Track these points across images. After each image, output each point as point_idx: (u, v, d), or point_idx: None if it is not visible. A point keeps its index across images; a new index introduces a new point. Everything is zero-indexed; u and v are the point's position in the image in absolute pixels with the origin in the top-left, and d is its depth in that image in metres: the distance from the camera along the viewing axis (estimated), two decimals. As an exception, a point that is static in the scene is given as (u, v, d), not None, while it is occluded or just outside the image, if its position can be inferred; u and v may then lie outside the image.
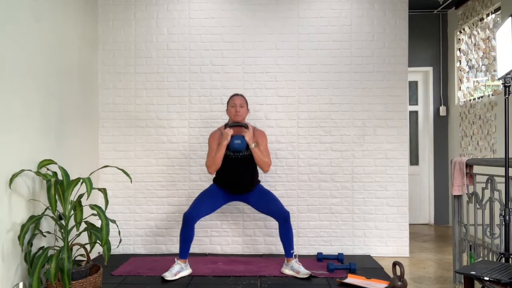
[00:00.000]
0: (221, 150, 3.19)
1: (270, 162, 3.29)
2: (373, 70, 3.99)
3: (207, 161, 3.26)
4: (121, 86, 4.04)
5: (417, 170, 5.58)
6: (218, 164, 3.22)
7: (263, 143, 3.30)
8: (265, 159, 3.24)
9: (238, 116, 3.25)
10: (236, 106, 3.25)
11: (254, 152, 3.20)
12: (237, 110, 3.24)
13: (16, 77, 2.70)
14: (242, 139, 3.19)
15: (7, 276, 2.58)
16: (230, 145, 3.19)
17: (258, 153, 3.21)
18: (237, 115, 3.24)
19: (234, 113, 3.25)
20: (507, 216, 2.42)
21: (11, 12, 2.65)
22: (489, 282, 2.03)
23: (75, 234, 3.21)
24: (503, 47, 2.40)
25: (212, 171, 3.24)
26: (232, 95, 3.36)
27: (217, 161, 3.21)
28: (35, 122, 2.91)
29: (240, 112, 3.25)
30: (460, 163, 3.05)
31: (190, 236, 3.21)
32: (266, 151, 3.30)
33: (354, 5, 4.00)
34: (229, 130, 3.19)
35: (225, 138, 3.18)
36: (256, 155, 3.21)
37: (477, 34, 4.73)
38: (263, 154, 3.24)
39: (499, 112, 4.22)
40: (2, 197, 2.55)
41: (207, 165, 3.25)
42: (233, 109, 3.25)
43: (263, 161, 3.24)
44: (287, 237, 3.27)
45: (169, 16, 4.03)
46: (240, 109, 3.25)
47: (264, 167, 3.26)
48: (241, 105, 3.26)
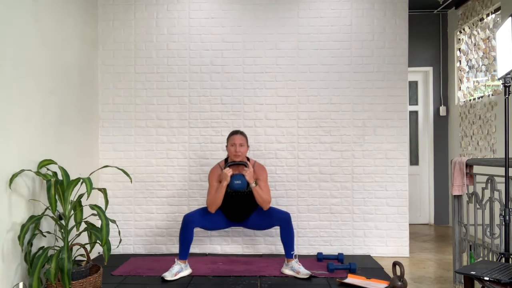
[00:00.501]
0: (221, 190, 3.20)
1: (270, 199, 3.29)
2: (373, 70, 3.99)
3: (207, 199, 3.27)
4: (121, 86, 4.04)
5: (417, 170, 5.58)
6: (218, 204, 3.23)
7: (263, 178, 3.30)
8: (266, 197, 3.24)
9: (237, 157, 3.25)
10: (236, 146, 3.24)
11: (254, 191, 3.21)
12: (236, 150, 3.23)
13: (16, 77, 2.70)
14: (242, 179, 3.20)
15: (7, 276, 2.58)
16: (230, 185, 3.20)
17: (259, 192, 3.21)
18: (237, 155, 3.24)
19: (234, 153, 3.24)
20: (507, 216, 2.42)
21: (11, 12, 2.65)
22: (489, 282, 2.03)
23: (75, 234, 3.21)
24: (503, 47, 2.40)
25: (212, 209, 3.25)
26: (231, 132, 3.33)
27: (218, 201, 3.22)
28: (35, 122, 2.91)
29: (240, 152, 3.24)
30: (460, 163, 3.05)
31: (189, 238, 3.22)
32: (266, 187, 3.29)
33: (354, 5, 4.00)
34: (228, 170, 3.18)
35: (224, 179, 3.18)
36: (257, 195, 3.21)
37: (477, 34, 4.73)
38: (263, 192, 3.24)
39: (499, 112, 4.22)
40: (2, 197, 2.55)
41: (208, 204, 3.27)
42: (233, 148, 3.24)
43: (264, 200, 3.23)
44: (288, 239, 3.27)
45: (169, 16, 4.03)
46: (240, 148, 3.24)
47: (264, 205, 3.25)
48: (241, 144, 3.25)
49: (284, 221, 3.25)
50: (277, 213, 3.29)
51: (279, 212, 3.29)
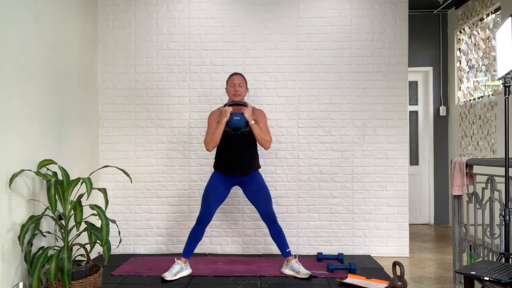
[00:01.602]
0: (220, 127, 3.16)
1: (270, 139, 3.25)
2: (373, 70, 3.99)
3: (205, 138, 3.23)
4: (121, 86, 4.05)
5: (417, 170, 5.58)
6: (216, 141, 3.19)
7: (263, 121, 3.27)
8: (265, 135, 3.22)
9: (237, 96, 3.24)
10: (235, 85, 3.24)
11: (254, 128, 3.17)
12: (236, 90, 3.23)
13: (16, 77, 2.70)
14: (241, 116, 3.17)
15: (7, 276, 2.58)
16: (230, 122, 3.17)
17: (258, 130, 3.19)
18: (236, 94, 3.23)
19: (233, 92, 3.24)
20: (507, 216, 2.42)
21: (11, 12, 2.65)
22: (489, 282, 2.03)
23: (75, 234, 3.21)
24: (503, 47, 2.40)
25: (210, 148, 3.21)
26: (231, 74, 3.34)
27: (216, 138, 3.18)
28: (35, 122, 2.91)
29: (239, 91, 3.24)
30: (460, 163, 3.05)
31: (200, 236, 3.23)
32: (266, 128, 3.27)
33: (354, 5, 4.00)
34: (228, 107, 3.18)
35: (224, 115, 3.16)
36: (256, 131, 3.18)
37: (477, 34, 4.73)
38: (262, 131, 3.22)
39: (499, 112, 4.22)
40: (2, 197, 2.55)
41: (205, 142, 3.22)
42: (232, 89, 3.24)
43: (263, 137, 3.21)
44: (278, 237, 3.27)
45: (169, 16, 4.03)
46: (239, 88, 3.24)
47: (265, 143, 3.23)
48: (240, 84, 3.25)
49: (269, 218, 3.25)
50: (269, 206, 3.27)
51: (270, 207, 3.27)
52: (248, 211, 3.99)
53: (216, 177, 3.30)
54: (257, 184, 3.31)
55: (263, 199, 3.28)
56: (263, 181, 3.35)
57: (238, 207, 4.00)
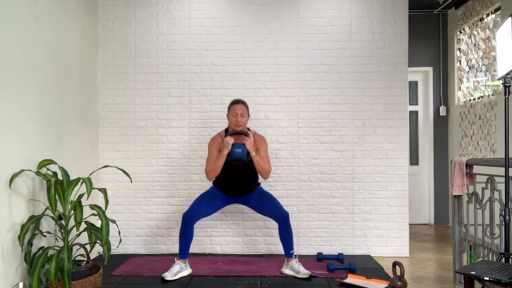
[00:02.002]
0: (221, 158, 3.19)
1: (270, 169, 3.29)
2: (373, 70, 3.99)
3: (206, 167, 3.26)
4: (121, 86, 4.05)
5: (417, 170, 5.58)
6: (217, 172, 3.22)
7: (264, 149, 3.30)
8: (266, 166, 3.24)
9: (238, 126, 3.24)
10: (237, 115, 3.23)
11: (255, 160, 3.20)
12: (237, 120, 3.23)
13: (16, 77, 2.70)
14: (243, 148, 3.19)
15: (7, 276, 2.58)
16: (231, 153, 3.19)
17: (259, 161, 3.21)
18: (238, 125, 3.24)
19: (235, 122, 3.24)
20: (507, 216, 2.42)
21: (11, 12, 2.65)
22: (489, 282, 2.03)
23: (75, 234, 3.21)
24: (503, 47, 2.40)
25: (210, 177, 3.25)
26: (232, 101, 3.32)
27: (217, 168, 3.21)
28: (35, 122, 2.91)
29: (241, 122, 3.24)
30: (460, 163, 3.05)
31: (189, 235, 3.21)
32: (267, 158, 3.29)
33: (354, 5, 4.00)
34: (229, 138, 3.18)
35: (226, 147, 3.17)
36: (257, 164, 3.21)
37: (477, 34, 4.73)
38: (263, 161, 3.24)
39: (499, 112, 4.22)
40: (2, 197, 2.55)
41: (206, 172, 3.24)
42: (234, 119, 3.24)
43: (264, 169, 3.24)
44: (287, 238, 3.27)
45: (169, 16, 4.03)
46: (241, 118, 3.23)
47: (265, 174, 3.26)
48: (242, 114, 3.24)
49: (281, 218, 3.25)
50: (277, 206, 3.28)
51: (279, 207, 3.29)
52: (248, 211, 3.98)
53: (216, 191, 3.35)
54: (258, 194, 3.36)
55: (268, 202, 3.30)
56: (263, 190, 3.39)
57: (238, 207, 4.00)
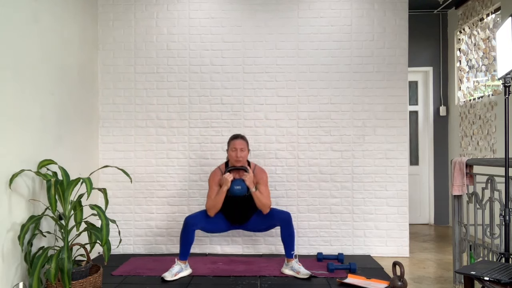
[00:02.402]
0: (221, 195, 3.20)
1: (270, 203, 3.28)
2: (373, 70, 3.99)
3: (207, 202, 3.27)
4: (121, 86, 4.05)
5: (417, 170, 5.58)
6: (218, 208, 3.24)
7: (263, 182, 3.30)
8: (265, 201, 3.24)
9: (238, 162, 3.25)
10: (237, 150, 3.24)
11: (254, 195, 3.21)
12: (237, 155, 3.23)
13: (16, 77, 2.70)
14: (242, 184, 3.20)
15: (7, 276, 2.58)
16: (231, 190, 3.21)
17: (259, 197, 3.21)
18: (238, 160, 3.24)
19: (235, 157, 3.24)
20: (507, 216, 2.42)
21: (11, 12, 2.65)
22: (489, 282, 2.03)
23: (75, 234, 3.21)
24: (503, 47, 2.40)
25: (212, 213, 3.26)
26: (232, 137, 3.33)
27: (218, 205, 3.23)
28: (35, 122, 2.91)
29: (241, 157, 3.24)
30: (460, 163, 3.05)
31: (190, 239, 3.22)
32: (267, 191, 3.29)
33: (354, 5, 4.00)
34: (228, 175, 3.19)
35: (225, 184, 3.18)
36: (257, 199, 3.21)
37: (477, 34, 4.73)
38: (263, 196, 3.24)
39: (499, 112, 4.22)
40: (2, 197, 2.55)
41: (207, 208, 3.26)
42: (234, 154, 3.25)
43: (263, 204, 3.23)
44: (289, 238, 3.27)
45: (169, 16, 4.03)
46: (241, 153, 3.24)
47: (264, 209, 3.25)
48: (242, 149, 3.25)
49: (285, 221, 3.25)
50: (277, 214, 3.28)
51: (279, 212, 3.29)
52: (248, 211, 3.98)
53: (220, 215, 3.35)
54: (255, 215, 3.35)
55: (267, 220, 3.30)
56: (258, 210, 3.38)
57: (238, 207, 4.00)
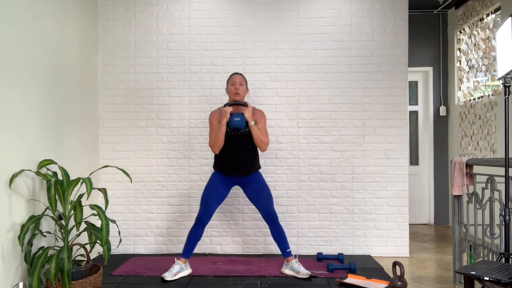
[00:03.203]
0: (221, 128, 3.17)
1: (268, 141, 3.26)
2: (373, 70, 3.99)
3: (209, 140, 3.25)
4: (121, 86, 4.05)
5: (417, 170, 5.58)
6: (221, 143, 3.20)
7: (262, 122, 3.29)
8: (263, 138, 3.23)
9: (237, 95, 3.25)
10: (236, 84, 3.25)
11: (252, 129, 3.18)
12: (236, 88, 3.24)
13: (16, 77, 2.70)
14: (241, 117, 3.18)
15: (7, 276, 2.58)
16: (230, 122, 3.18)
17: (257, 131, 3.20)
18: (237, 93, 3.24)
19: (234, 91, 3.25)
20: (507, 216, 2.42)
21: (11, 12, 2.65)
22: (489, 282, 2.03)
23: (75, 234, 3.22)
24: (503, 47, 2.40)
25: (216, 150, 3.22)
26: (231, 74, 3.36)
27: (220, 140, 3.19)
28: (35, 122, 2.91)
29: (240, 90, 3.25)
30: (460, 163, 3.05)
31: (199, 236, 3.23)
32: (265, 130, 3.28)
33: (354, 5, 4.00)
34: (228, 108, 3.19)
35: (224, 116, 3.17)
36: (255, 133, 3.19)
37: (477, 34, 4.73)
38: (261, 132, 3.23)
39: (499, 112, 4.22)
40: (2, 197, 2.55)
41: (210, 145, 3.23)
42: (233, 87, 3.26)
43: (261, 140, 3.21)
44: (280, 237, 3.27)
45: (169, 16, 4.03)
46: (240, 87, 3.25)
47: (262, 145, 3.23)
48: (241, 83, 3.26)
49: (271, 219, 3.26)
50: (270, 206, 3.27)
51: (272, 207, 3.28)
52: (248, 211, 3.99)
53: (216, 177, 3.30)
54: (258, 184, 3.30)
55: (264, 199, 3.28)
56: (264, 181, 3.34)
57: (238, 207, 4.00)
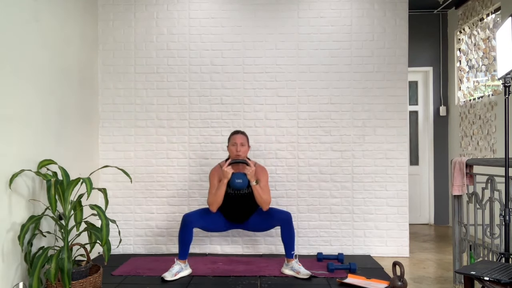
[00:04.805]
0: (221, 188, 3.18)
1: (270, 200, 3.27)
2: (373, 70, 3.99)
3: (208, 198, 3.26)
4: (121, 86, 4.05)
5: (417, 170, 5.58)
6: (219, 202, 3.22)
7: (264, 180, 3.29)
8: (266, 197, 3.23)
9: (238, 156, 3.25)
10: (237, 145, 3.24)
11: (255, 190, 3.19)
12: (237, 150, 3.24)
13: (16, 77, 2.70)
14: (243, 178, 3.17)
15: (7, 276, 2.58)
16: (231, 183, 3.17)
17: (259, 191, 3.20)
18: (238, 154, 3.24)
19: (235, 152, 3.25)
20: (507, 216, 2.42)
21: (11, 12, 2.65)
22: (489, 282, 2.03)
23: (75, 234, 3.21)
24: (503, 47, 2.40)
25: (214, 209, 3.24)
26: (232, 132, 3.35)
27: (218, 199, 3.21)
28: (35, 122, 2.91)
29: (241, 152, 3.24)
30: (460, 163, 3.05)
31: (188, 238, 3.21)
32: (267, 188, 3.28)
33: (354, 5, 4.00)
34: (229, 168, 3.17)
35: (225, 176, 3.16)
36: (257, 194, 3.19)
37: (477, 34, 4.73)
38: (263, 191, 3.23)
39: (499, 112, 4.22)
40: (2, 197, 2.55)
41: (209, 203, 3.25)
42: (234, 148, 3.25)
43: (264, 200, 3.22)
44: (289, 238, 3.26)
45: (169, 16, 4.03)
46: (241, 148, 3.25)
47: (264, 205, 3.24)
48: (242, 143, 3.26)
49: (285, 221, 3.24)
50: (277, 213, 3.28)
51: (279, 212, 3.28)
52: (248, 211, 3.99)
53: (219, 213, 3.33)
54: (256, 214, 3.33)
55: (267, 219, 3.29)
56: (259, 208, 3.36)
57: (238, 207, 4.00)
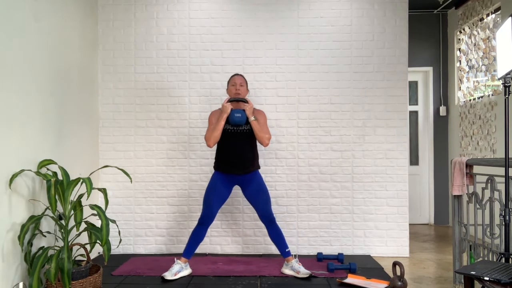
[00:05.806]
0: (220, 122, 3.17)
1: (269, 136, 3.25)
2: (373, 70, 3.99)
3: (206, 134, 3.23)
4: (121, 86, 4.05)
5: (417, 170, 5.58)
6: (217, 136, 3.18)
7: (262, 119, 3.29)
8: (265, 130, 3.25)
9: (238, 95, 3.27)
10: (236, 84, 3.28)
11: (253, 124, 3.18)
12: (237, 89, 3.27)
13: (16, 77, 2.70)
14: (242, 113, 3.18)
15: (7, 276, 2.58)
16: (230, 118, 3.17)
17: (257, 126, 3.20)
18: (237, 93, 3.27)
19: (234, 91, 3.27)
20: (507, 216, 2.42)
21: (11, 12, 2.65)
22: (489, 282, 2.03)
23: (75, 234, 3.22)
24: (503, 47, 2.40)
25: (211, 143, 3.20)
26: (232, 75, 3.38)
27: (216, 133, 3.18)
28: (35, 122, 2.91)
29: (240, 91, 3.28)
30: (460, 163, 3.05)
31: (202, 237, 3.24)
32: (266, 127, 3.29)
33: (354, 5, 4.00)
34: (228, 104, 3.20)
35: (224, 111, 3.17)
36: (256, 128, 3.19)
37: (477, 34, 4.73)
38: (262, 127, 3.24)
39: (499, 112, 4.22)
40: (2, 197, 2.55)
41: (206, 138, 3.21)
42: (233, 88, 3.29)
43: (263, 133, 3.21)
44: (278, 238, 3.28)
45: (169, 16, 4.03)
46: (240, 87, 3.28)
47: (264, 140, 3.22)
48: (241, 84, 3.30)
49: (268, 219, 3.27)
50: (269, 207, 3.28)
51: (270, 209, 3.29)
52: (248, 211, 3.99)
53: (217, 178, 3.30)
54: (257, 185, 3.30)
55: (262, 200, 3.28)
56: (262, 181, 3.34)
57: (238, 207, 4.00)
